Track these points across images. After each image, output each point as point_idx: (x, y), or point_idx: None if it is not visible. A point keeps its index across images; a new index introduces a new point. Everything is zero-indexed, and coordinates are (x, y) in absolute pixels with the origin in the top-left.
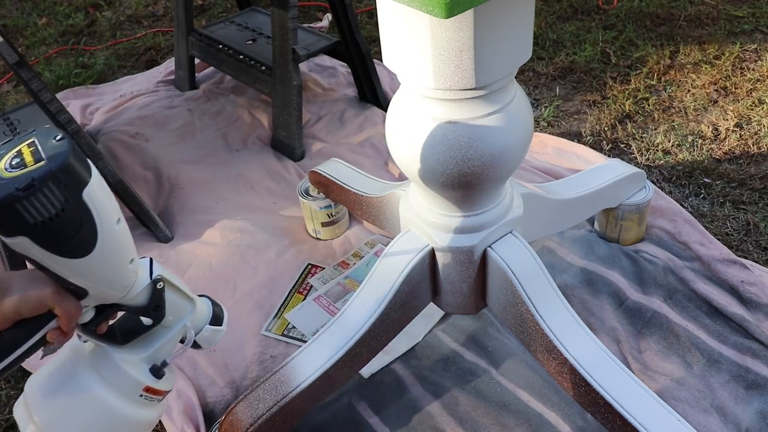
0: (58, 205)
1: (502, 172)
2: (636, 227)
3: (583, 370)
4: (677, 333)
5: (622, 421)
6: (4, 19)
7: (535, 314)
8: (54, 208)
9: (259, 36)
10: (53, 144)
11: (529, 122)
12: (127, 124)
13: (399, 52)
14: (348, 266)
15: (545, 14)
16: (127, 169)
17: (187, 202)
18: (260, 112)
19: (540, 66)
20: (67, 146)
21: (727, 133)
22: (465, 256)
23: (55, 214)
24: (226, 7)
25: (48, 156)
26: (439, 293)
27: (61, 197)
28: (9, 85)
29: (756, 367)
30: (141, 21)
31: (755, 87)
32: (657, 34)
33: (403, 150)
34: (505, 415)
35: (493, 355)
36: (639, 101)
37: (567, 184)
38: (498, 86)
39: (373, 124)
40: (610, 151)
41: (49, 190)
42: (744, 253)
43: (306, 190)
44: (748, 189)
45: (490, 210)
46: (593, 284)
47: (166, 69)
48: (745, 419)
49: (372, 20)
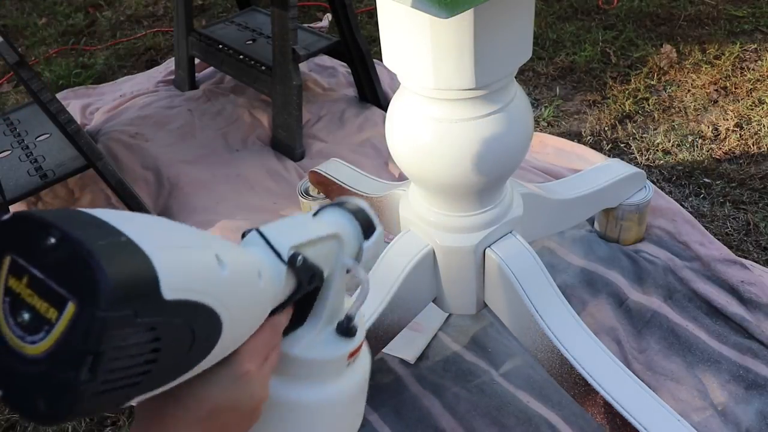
0: (146, 339)
1: (502, 172)
2: (636, 227)
3: (583, 370)
4: (677, 333)
5: (622, 421)
6: (4, 19)
7: (535, 314)
8: (143, 349)
9: (259, 36)
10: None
11: (529, 122)
12: (127, 124)
13: (399, 52)
14: None
15: (545, 14)
16: (127, 169)
17: (187, 202)
18: (260, 112)
19: (540, 66)
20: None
21: (727, 133)
22: (465, 256)
23: (150, 352)
24: (226, 7)
25: (71, 289)
26: (439, 293)
27: (140, 328)
28: (9, 85)
29: (756, 367)
30: (141, 21)
31: (755, 87)
32: (657, 34)
33: (403, 150)
34: (505, 415)
35: (493, 356)
36: (639, 101)
37: (567, 184)
38: (498, 86)
39: (373, 124)
40: (610, 151)
41: (119, 340)
42: (744, 253)
43: (306, 190)
44: (748, 189)
45: (490, 210)
46: (593, 284)
47: (166, 69)
48: (745, 419)
49: (372, 20)
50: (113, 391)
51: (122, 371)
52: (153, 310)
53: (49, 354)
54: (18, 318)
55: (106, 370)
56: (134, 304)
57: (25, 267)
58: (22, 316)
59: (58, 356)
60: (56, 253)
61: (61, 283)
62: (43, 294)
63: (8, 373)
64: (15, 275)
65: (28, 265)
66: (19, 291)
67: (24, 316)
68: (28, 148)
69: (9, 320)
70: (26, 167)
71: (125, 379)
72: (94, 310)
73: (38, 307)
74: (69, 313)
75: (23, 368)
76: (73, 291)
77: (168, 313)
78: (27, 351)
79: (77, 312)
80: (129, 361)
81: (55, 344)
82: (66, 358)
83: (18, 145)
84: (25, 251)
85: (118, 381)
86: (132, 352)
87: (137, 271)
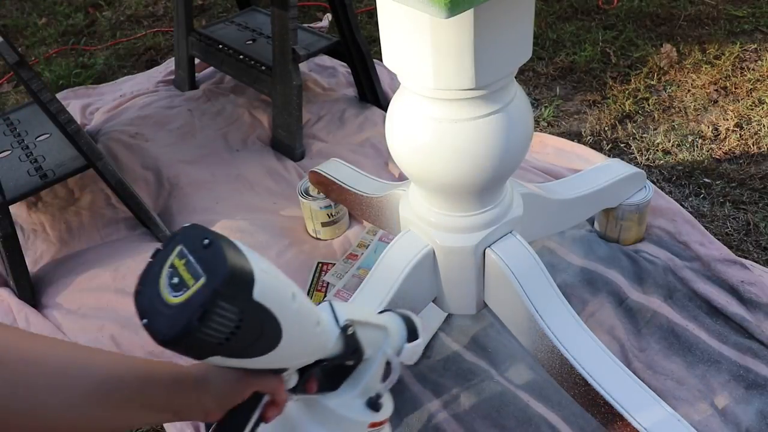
0: (235, 318)
1: (502, 172)
2: (636, 227)
3: (583, 370)
4: (677, 333)
5: (622, 421)
6: (4, 19)
7: (535, 314)
8: (232, 322)
9: (259, 36)
10: (205, 253)
11: (529, 122)
12: (127, 124)
13: (399, 52)
14: (357, 257)
15: (545, 14)
16: (127, 169)
17: (187, 202)
18: (260, 112)
19: (540, 66)
20: (220, 252)
21: (727, 133)
22: (465, 256)
23: (235, 326)
24: (226, 7)
25: (206, 270)
26: (439, 293)
27: (235, 309)
28: (9, 85)
29: (756, 367)
30: (141, 21)
31: (755, 87)
32: (657, 34)
33: (403, 150)
34: (505, 415)
35: (494, 356)
36: (639, 101)
37: (567, 184)
38: (498, 86)
39: (373, 124)
40: (610, 151)
41: (221, 309)
42: (744, 253)
43: (306, 190)
44: (748, 189)
45: (490, 210)
46: (593, 284)
47: (166, 69)
48: (745, 419)
49: (372, 20)
50: (204, 342)
51: (214, 330)
52: (244, 300)
53: (181, 304)
54: (171, 280)
55: (207, 324)
56: (235, 291)
57: (186, 254)
58: (173, 279)
59: (186, 306)
60: (206, 249)
61: (201, 266)
62: (190, 270)
63: (155, 311)
64: (179, 257)
65: (188, 253)
66: (177, 266)
67: (174, 279)
68: (28, 148)
69: (165, 281)
70: (26, 167)
71: (213, 338)
72: (214, 284)
73: (184, 276)
74: (200, 283)
75: (165, 310)
76: (206, 271)
77: (252, 308)
78: (169, 300)
79: (204, 283)
80: (220, 326)
81: (187, 299)
82: (189, 308)
83: (18, 145)
84: (189, 245)
85: (209, 336)
86: (224, 321)
87: (244, 274)
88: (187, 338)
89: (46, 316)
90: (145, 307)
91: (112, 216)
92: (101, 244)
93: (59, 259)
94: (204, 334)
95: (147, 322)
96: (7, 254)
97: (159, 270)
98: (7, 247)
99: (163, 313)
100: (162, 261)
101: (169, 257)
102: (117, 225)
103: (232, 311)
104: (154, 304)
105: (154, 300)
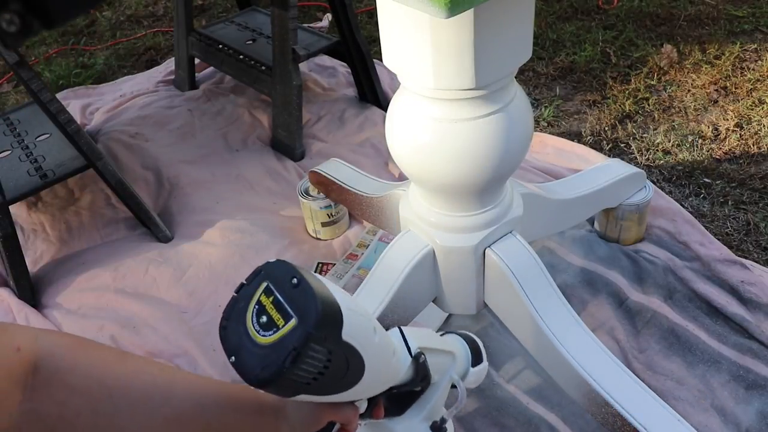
0: (324, 358)
1: (502, 172)
2: (636, 227)
3: (583, 370)
4: (677, 333)
5: (622, 421)
6: None
7: (534, 314)
8: (321, 363)
9: (259, 36)
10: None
11: (529, 122)
12: (127, 124)
13: (399, 52)
14: (357, 257)
15: (545, 14)
16: (127, 169)
17: (187, 202)
18: (260, 112)
19: (540, 66)
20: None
21: (727, 133)
22: (465, 256)
23: (323, 366)
24: (226, 7)
25: (297, 312)
26: (439, 293)
27: (325, 350)
28: (9, 85)
29: (756, 367)
30: (141, 21)
31: (755, 87)
32: (657, 34)
33: (403, 150)
34: (505, 415)
35: (494, 356)
36: (639, 101)
37: (567, 184)
38: (498, 86)
39: (373, 124)
40: (610, 151)
41: (312, 351)
42: (744, 253)
43: (306, 190)
44: (748, 189)
45: (490, 210)
46: (593, 284)
47: (166, 69)
48: (745, 419)
49: (372, 20)
50: (296, 381)
51: (305, 371)
52: (333, 341)
53: (272, 344)
54: (259, 319)
55: (299, 365)
56: (325, 333)
57: (273, 291)
58: (262, 318)
59: (277, 347)
60: (294, 289)
61: (291, 306)
62: (279, 310)
63: (243, 350)
64: (266, 294)
65: (276, 291)
66: (265, 304)
67: (263, 318)
68: (28, 148)
69: (253, 319)
70: (26, 167)
71: (304, 377)
72: (306, 327)
73: (273, 316)
74: (291, 325)
75: (254, 349)
76: (297, 313)
77: (340, 347)
78: (259, 340)
79: (296, 325)
80: (311, 366)
81: (278, 340)
82: (281, 350)
83: (18, 145)
84: (276, 282)
85: (301, 376)
86: (314, 362)
87: (333, 316)
88: (278, 380)
89: (46, 316)
90: (233, 345)
91: (112, 216)
92: (101, 244)
93: (59, 259)
94: (295, 375)
95: (235, 361)
96: (7, 254)
97: (245, 306)
98: (7, 247)
99: (253, 353)
100: (248, 297)
101: (255, 294)
102: (117, 225)
103: (322, 352)
104: (243, 342)
105: (242, 338)
